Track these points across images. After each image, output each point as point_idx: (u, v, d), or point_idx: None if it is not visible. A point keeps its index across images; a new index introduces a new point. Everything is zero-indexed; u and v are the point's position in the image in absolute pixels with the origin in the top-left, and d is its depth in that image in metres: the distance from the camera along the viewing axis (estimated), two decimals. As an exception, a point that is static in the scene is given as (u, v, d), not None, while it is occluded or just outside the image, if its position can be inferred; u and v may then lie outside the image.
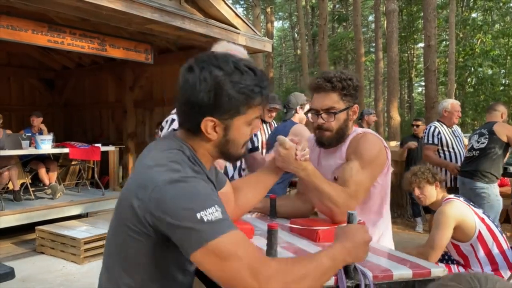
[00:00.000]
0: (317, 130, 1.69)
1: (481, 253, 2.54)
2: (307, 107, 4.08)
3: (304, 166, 1.49)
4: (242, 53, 2.03)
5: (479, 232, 2.55)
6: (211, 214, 0.95)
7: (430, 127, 4.77)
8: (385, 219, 1.74)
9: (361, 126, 5.99)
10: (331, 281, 1.08)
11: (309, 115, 1.71)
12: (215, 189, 1.14)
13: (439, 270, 1.18)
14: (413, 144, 5.96)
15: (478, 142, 4.20)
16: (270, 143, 3.82)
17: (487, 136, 4.14)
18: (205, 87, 1.04)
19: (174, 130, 1.54)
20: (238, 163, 2.20)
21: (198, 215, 0.94)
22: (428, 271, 1.17)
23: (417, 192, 2.77)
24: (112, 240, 1.13)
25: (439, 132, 4.65)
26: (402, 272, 1.15)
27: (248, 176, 1.59)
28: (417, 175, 2.78)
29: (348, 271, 1.09)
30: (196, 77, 1.06)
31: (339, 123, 1.65)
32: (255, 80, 1.08)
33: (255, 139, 2.34)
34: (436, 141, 4.65)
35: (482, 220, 2.59)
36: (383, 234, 1.73)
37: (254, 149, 2.30)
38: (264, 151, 4.08)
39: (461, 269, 2.61)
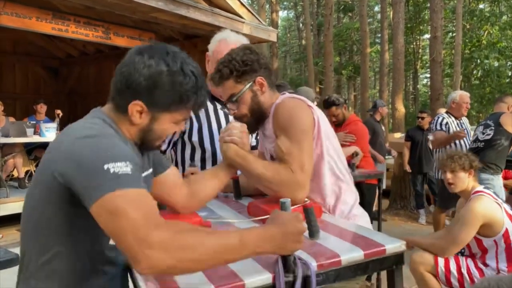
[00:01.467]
0: (236, 120, 1.58)
1: (502, 249, 2.46)
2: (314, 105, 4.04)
3: (226, 148, 1.44)
4: (237, 41, 1.99)
5: (506, 229, 2.44)
6: (119, 167, 0.94)
7: (438, 117, 4.71)
8: (345, 184, 1.59)
9: (375, 118, 5.96)
10: (269, 279, 0.97)
11: (225, 110, 1.68)
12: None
13: (396, 246, 1.09)
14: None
15: (483, 133, 4.17)
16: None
17: (493, 127, 4.11)
18: (146, 74, 1.06)
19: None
20: None
21: (106, 166, 0.93)
22: (383, 249, 1.07)
23: (449, 176, 2.65)
24: (26, 208, 1.12)
25: (446, 123, 4.61)
26: (352, 255, 1.05)
27: (206, 170, 1.59)
28: (454, 159, 2.63)
29: (288, 263, 0.98)
30: (142, 61, 1.07)
31: (248, 104, 1.54)
32: (194, 87, 1.10)
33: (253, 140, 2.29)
34: (444, 129, 4.60)
35: (510, 216, 2.48)
36: (353, 205, 1.59)
37: (254, 147, 2.26)
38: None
39: (470, 262, 2.56)
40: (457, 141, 4.61)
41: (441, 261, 2.55)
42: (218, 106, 2.09)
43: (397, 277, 1.13)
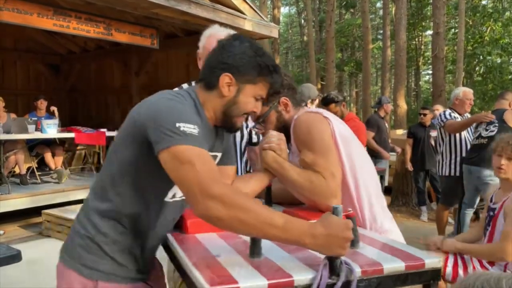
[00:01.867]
0: None
1: None
2: (316, 102, 4.02)
3: (265, 154, 1.50)
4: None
5: None
6: (189, 127, 1.11)
7: (445, 112, 4.65)
8: (374, 197, 1.59)
9: (379, 114, 5.95)
10: (314, 277, 1.01)
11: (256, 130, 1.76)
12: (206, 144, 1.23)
13: (434, 261, 1.13)
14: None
15: (486, 130, 4.15)
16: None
17: (496, 124, 4.09)
18: (234, 51, 1.26)
19: None
20: (243, 159, 2.17)
21: (177, 124, 1.10)
22: (422, 263, 1.11)
23: (503, 162, 2.51)
24: (109, 156, 1.29)
25: (455, 117, 4.55)
26: (394, 265, 1.09)
27: (245, 174, 1.71)
28: None
29: (334, 266, 1.02)
30: (230, 44, 1.28)
31: (274, 123, 1.64)
32: (273, 63, 1.30)
33: (254, 136, 2.28)
34: (452, 118, 4.53)
35: None
36: (383, 219, 1.59)
37: (255, 143, 2.24)
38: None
39: (476, 262, 2.50)
40: (457, 137, 4.58)
41: (450, 261, 2.51)
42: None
43: None
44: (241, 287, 0.95)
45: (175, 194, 1.29)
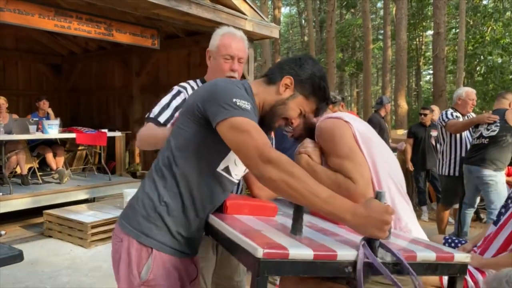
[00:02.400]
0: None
1: None
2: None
3: (300, 158, 1.60)
4: (242, 37, 2.01)
5: None
6: (244, 103, 1.25)
7: (446, 111, 4.62)
8: (400, 198, 1.62)
9: (380, 114, 5.96)
10: (354, 256, 1.07)
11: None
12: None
13: (462, 256, 1.18)
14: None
15: (488, 129, 4.14)
16: (277, 134, 3.76)
17: (498, 124, 4.08)
18: (305, 66, 1.43)
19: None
20: None
21: (234, 99, 1.25)
22: (452, 256, 1.17)
23: None
24: (171, 136, 1.42)
25: (457, 116, 4.53)
26: (426, 254, 1.15)
27: None
28: None
29: (373, 247, 1.08)
30: (305, 60, 1.46)
31: (301, 126, 1.72)
32: (326, 94, 1.46)
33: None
34: (454, 117, 4.50)
35: None
36: (409, 220, 1.60)
37: None
38: (273, 142, 4.02)
39: (472, 268, 2.50)
40: (463, 139, 4.57)
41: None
42: None
43: (458, 286, 1.22)
44: (290, 253, 1.01)
45: (228, 166, 1.41)
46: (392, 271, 1.07)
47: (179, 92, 1.99)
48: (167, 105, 1.94)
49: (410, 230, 1.58)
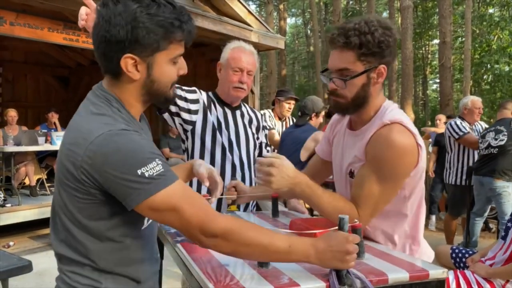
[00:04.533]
0: (330, 95, 1.41)
1: None
2: (322, 114, 4.02)
3: (298, 179, 1.32)
4: (252, 51, 2.06)
5: None
6: (152, 169, 0.95)
7: (455, 121, 4.55)
8: (411, 222, 1.46)
9: None
10: (323, 286, 1.04)
11: (321, 76, 1.44)
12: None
13: (438, 272, 1.13)
14: None
15: (496, 139, 4.11)
16: (283, 142, 3.78)
17: (505, 132, 4.06)
18: (121, 21, 0.98)
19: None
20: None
21: (139, 171, 0.94)
22: (427, 274, 1.12)
23: None
24: (56, 201, 1.09)
25: (464, 127, 4.50)
26: (398, 276, 1.10)
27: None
28: None
29: (340, 275, 1.04)
30: (111, 12, 0.99)
31: (355, 89, 1.33)
32: (174, 13, 1.02)
33: (265, 150, 2.31)
34: (467, 129, 4.45)
35: None
36: (413, 239, 1.47)
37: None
38: (276, 150, 4.04)
39: (478, 277, 2.49)
40: (465, 146, 4.55)
41: (452, 281, 2.49)
42: (228, 111, 2.11)
43: None
44: None
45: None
46: None
47: (195, 91, 2.04)
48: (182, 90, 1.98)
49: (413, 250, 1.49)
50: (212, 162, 2.00)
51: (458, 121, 4.54)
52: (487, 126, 4.86)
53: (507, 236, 2.53)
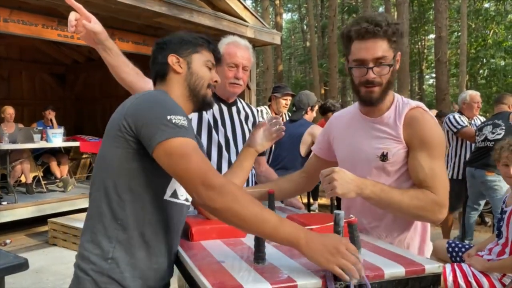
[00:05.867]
0: (363, 86, 1.45)
1: None
2: (316, 108, 4.03)
3: (361, 180, 1.36)
4: (246, 46, 2.05)
5: None
6: (179, 119, 1.12)
7: (454, 115, 4.57)
8: None
9: None
10: (319, 283, 1.03)
11: (353, 69, 1.45)
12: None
13: (434, 267, 1.14)
14: None
15: (493, 133, 4.10)
16: (280, 139, 3.77)
17: (503, 126, 4.04)
18: (169, 38, 1.41)
19: None
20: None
21: (169, 117, 1.11)
22: (423, 269, 1.12)
23: (510, 170, 2.55)
24: (99, 157, 1.26)
25: (462, 121, 4.52)
26: (394, 271, 1.10)
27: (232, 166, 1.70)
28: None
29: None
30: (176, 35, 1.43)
31: (388, 76, 1.44)
32: (203, 38, 1.41)
33: None
34: (465, 123, 4.48)
35: None
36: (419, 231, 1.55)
37: (261, 153, 2.25)
38: (273, 146, 4.04)
39: (475, 269, 2.51)
40: (463, 140, 4.56)
41: (448, 273, 2.51)
42: (224, 107, 2.09)
43: None
44: None
45: (175, 190, 1.26)
46: None
47: None
48: None
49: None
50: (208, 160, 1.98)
51: (457, 115, 4.55)
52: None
53: (500, 233, 2.55)
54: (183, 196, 1.30)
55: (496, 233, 2.63)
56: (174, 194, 1.26)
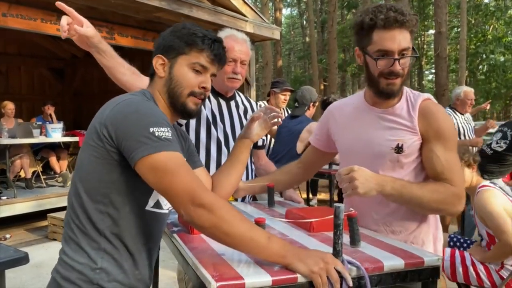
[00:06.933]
0: (384, 77, 1.39)
1: None
2: (317, 104, 4.03)
3: (381, 177, 1.34)
4: (244, 39, 2.03)
5: None
6: (162, 132, 1.06)
7: (447, 110, 4.60)
8: None
9: None
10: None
11: (378, 60, 1.37)
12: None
13: (433, 259, 1.14)
14: None
15: (497, 143, 3.88)
16: (280, 135, 3.77)
17: (508, 141, 3.86)
18: (161, 37, 1.29)
19: None
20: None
21: (151, 129, 1.05)
22: (422, 261, 1.13)
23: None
24: (79, 161, 1.19)
25: (452, 117, 4.55)
26: (394, 263, 1.11)
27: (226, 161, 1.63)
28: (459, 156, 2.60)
29: None
30: (165, 32, 1.31)
31: (409, 67, 1.41)
32: (198, 32, 1.25)
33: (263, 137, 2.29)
34: (456, 119, 4.54)
35: None
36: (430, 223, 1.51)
37: (260, 147, 2.23)
38: (273, 140, 4.04)
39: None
40: (462, 138, 4.56)
41: (447, 257, 2.55)
42: (223, 102, 2.08)
43: None
44: (246, 283, 0.98)
45: (158, 200, 1.22)
46: (357, 285, 1.04)
47: None
48: None
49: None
50: (208, 156, 1.95)
51: (450, 111, 4.57)
52: (471, 119, 4.86)
53: (481, 236, 2.62)
54: (167, 205, 1.25)
55: (480, 239, 2.68)
56: (157, 205, 1.22)
